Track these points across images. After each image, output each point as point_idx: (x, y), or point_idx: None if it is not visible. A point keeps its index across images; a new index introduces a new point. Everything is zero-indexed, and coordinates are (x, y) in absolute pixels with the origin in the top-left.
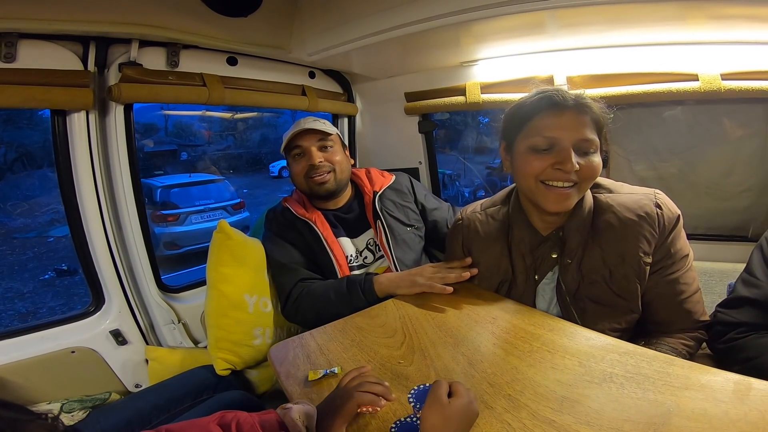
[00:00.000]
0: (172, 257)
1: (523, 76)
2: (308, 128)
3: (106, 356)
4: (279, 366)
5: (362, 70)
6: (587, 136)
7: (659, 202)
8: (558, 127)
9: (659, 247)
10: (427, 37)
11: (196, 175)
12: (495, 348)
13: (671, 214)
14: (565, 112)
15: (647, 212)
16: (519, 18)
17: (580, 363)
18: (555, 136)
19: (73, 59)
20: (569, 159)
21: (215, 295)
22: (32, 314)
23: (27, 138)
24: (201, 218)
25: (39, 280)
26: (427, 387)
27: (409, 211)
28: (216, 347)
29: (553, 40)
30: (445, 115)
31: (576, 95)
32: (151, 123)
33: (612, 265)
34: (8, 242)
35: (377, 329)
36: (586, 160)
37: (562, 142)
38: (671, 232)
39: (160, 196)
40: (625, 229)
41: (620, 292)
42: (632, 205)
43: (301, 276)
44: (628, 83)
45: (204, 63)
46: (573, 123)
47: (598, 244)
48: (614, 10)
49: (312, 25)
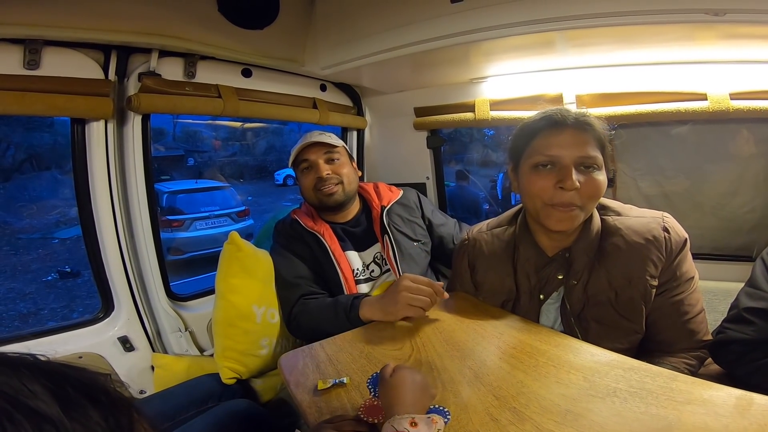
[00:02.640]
0: (176, 263)
1: (533, 94)
2: (315, 141)
3: (112, 362)
4: (288, 375)
5: (372, 85)
6: (588, 153)
7: (667, 225)
8: (558, 145)
9: (665, 269)
10: (438, 54)
11: (202, 182)
12: (501, 362)
13: (678, 238)
14: (565, 130)
15: (655, 236)
16: (529, 37)
17: (585, 378)
18: (555, 153)
19: (95, 68)
20: (569, 176)
21: (224, 305)
22: (33, 315)
23: (36, 140)
24: (206, 225)
25: (41, 281)
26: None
27: (416, 226)
28: (222, 356)
29: (563, 58)
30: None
31: (577, 114)
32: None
33: (618, 287)
34: (12, 243)
35: (386, 341)
36: (588, 176)
37: (562, 160)
38: (678, 255)
39: (166, 202)
40: (632, 253)
41: (625, 313)
42: (640, 228)
43: (303, 292)
44: (636, 102)
45: (220, 74)
46: (573, 141)
47: (605, 266)
48: (624, 31)
49: (325, 40)
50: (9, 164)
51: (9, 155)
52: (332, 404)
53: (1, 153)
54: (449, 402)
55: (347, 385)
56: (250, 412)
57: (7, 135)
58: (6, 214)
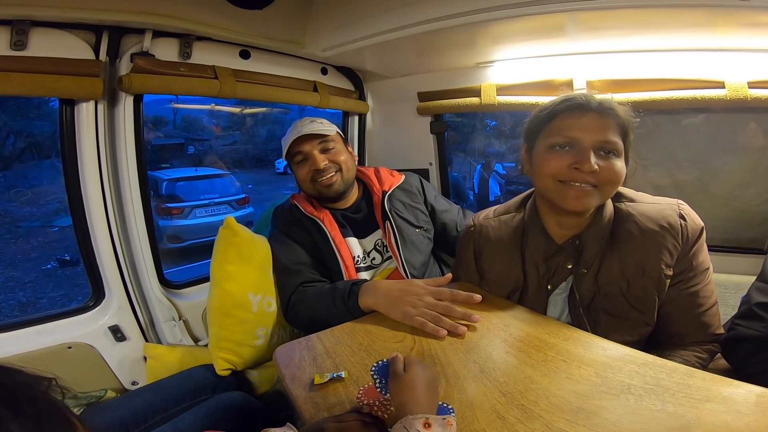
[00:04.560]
0: (175, 250)
1: (542, 79)
2: (307, 133)
3: (103, 352)
4: (284, 368)
5: (375, 68)
6: (609, 138)
7: (683, 213)
8: (579, 127)
9: (681, 259)
10: (443, 36)
11: (202, 169)
12: (507, 356)
13: (695, 226)
14: (587, 113)
15: (670, 223)
16: (539, 20)
17: (597, 373)
18: (575, 136)
19: (85, 49)
20: (588, 159)
21: (219, 293)
22: (32, 304)
23: (36, 128)
24: (205, 212)
25: (41, 269)
26: (386, 362)
27: (418, 212)
28: (217, 347)
29: (574, 42)
30: (454, 118)
31: (601, 98)
32: (160, 116)
33: (631, 276)
34: (12, 231)
35: (386, 333)
36: (607, 162)
37: (582, 143)
38: (694, 245)
39: (165, 189)
40: (646, 240)
41: (637, 304)
42: (655, 215)
43: (302, 279)
44: (650, 89)
45: (217, 55)
46: (595, 124)
47: (617, 254)
48: (641, 15)
49: (327, 21)
50: (9, 152)
51: (9, 144)
52: (329, 400)
53: (1, 143)
54: (454, 399)
55: (345, 380)
56: (245, 405)
57: (6, 123)
58: (6, 203)
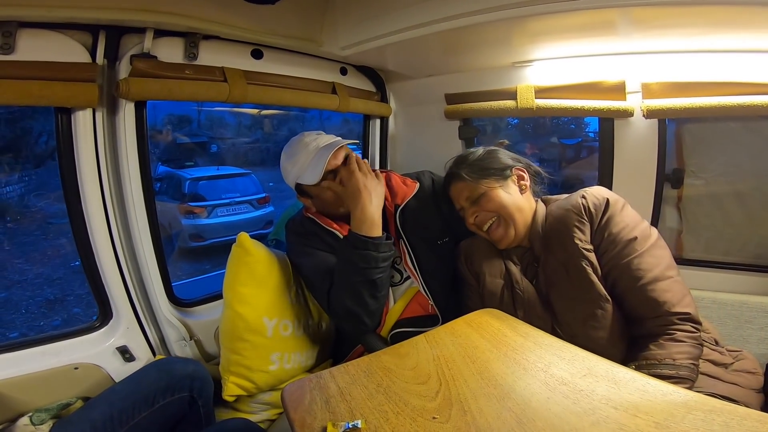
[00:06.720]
0: (197, 249)
1: (588, 81)
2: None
3: (112, 373)
4: (293, 412)
5: (399, 68)
6: (468, 195)
7: (585, 193)
8: (455, 197)
9: (595, 232)
10: (475, 33)
11: (224, 168)
12: (549, 403)
13: (597, 200)
14: (454, 183)
15: (573, 204)
16: (586, 15)
17: (657, 424)
18: (458, 205)
19: (81, 51)
20: (468, 218)
21: (231, 317)
22: (60, 302)
23: None
24: (227, 211)
25: (69, 266)
26: None
27: (434, 221)
28: (228, 370)
29: (627, 41)
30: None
31: (456, 162)
32: (185, 115)
33: (562, 260)
34: (43, 227)
35: (407, 372)
36: (480, 203)
37: (463, 208)
38: (603, 216)
39: (188, 188)
40: (559, 225)
41: (578, 282)
42: (563, 203)
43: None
44: (717, 93)
45: (226, 56)
46: (459, 191)
47: (549, 247)
48: (715, 12)
49: (346, 16)
50: (42, 150)
51: (42, 142)
52: None
53: (35, 141)
54: None
55: (362, 431)
56: None
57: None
58: (37, 200)
